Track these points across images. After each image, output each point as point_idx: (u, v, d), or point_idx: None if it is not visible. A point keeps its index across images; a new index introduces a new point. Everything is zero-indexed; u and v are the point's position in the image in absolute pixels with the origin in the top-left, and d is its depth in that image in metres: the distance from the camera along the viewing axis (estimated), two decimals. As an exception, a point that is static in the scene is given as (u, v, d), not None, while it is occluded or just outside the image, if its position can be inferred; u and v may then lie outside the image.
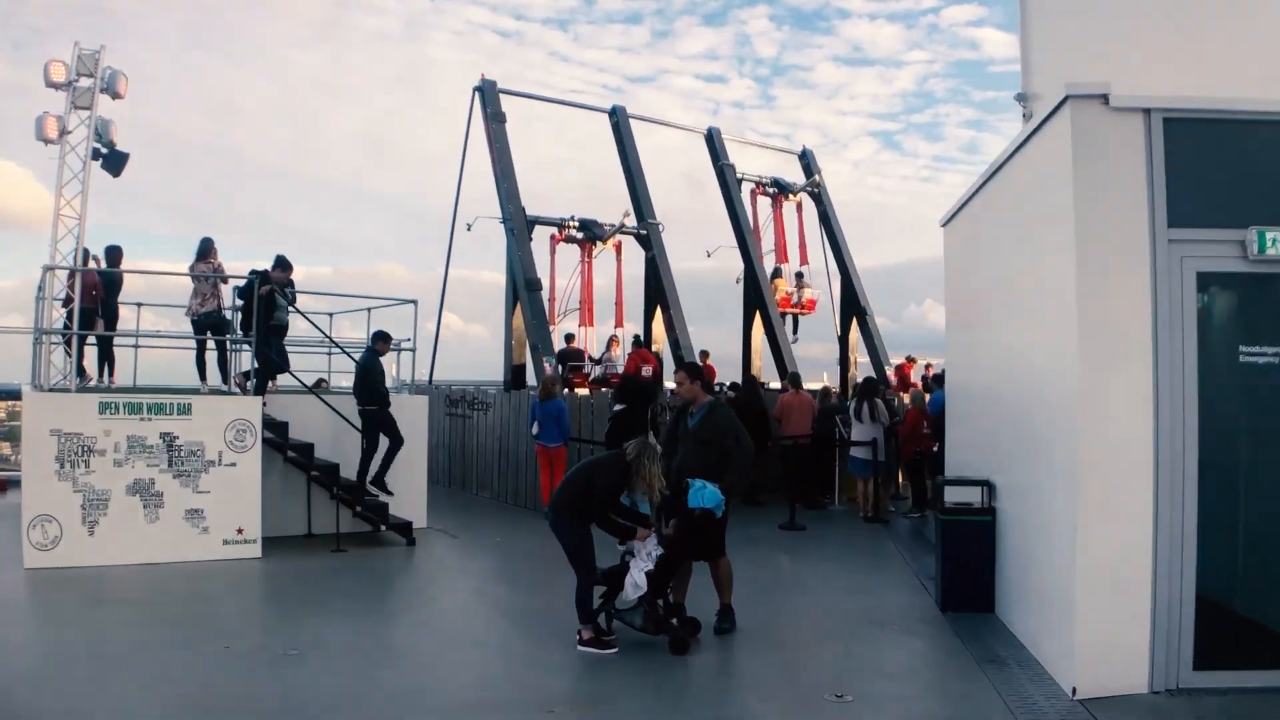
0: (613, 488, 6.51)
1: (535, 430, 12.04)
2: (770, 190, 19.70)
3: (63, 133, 10.51)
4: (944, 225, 9.93)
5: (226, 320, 11.19)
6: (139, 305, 11.92)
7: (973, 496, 7.91)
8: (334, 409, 10.47)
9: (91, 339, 10.98)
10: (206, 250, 10.99)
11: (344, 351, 11.25)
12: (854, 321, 19.65)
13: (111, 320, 11.24)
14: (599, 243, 16.80)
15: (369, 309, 11.71)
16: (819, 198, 20.16)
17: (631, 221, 16.70)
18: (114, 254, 11.35)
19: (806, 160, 20.67)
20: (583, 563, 6.52)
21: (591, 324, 17.06)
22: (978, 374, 8.68)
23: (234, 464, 9.54)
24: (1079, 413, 5.73)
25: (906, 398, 14.29)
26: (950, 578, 7.85)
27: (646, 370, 15.14)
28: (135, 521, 9.15)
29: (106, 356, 11.34)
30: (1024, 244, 7.03)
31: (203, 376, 11.08)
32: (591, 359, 16.69)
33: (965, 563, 7.76)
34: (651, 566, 6.49)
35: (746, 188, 19.37)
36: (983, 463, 8.11)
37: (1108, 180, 5.80)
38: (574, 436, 12.39)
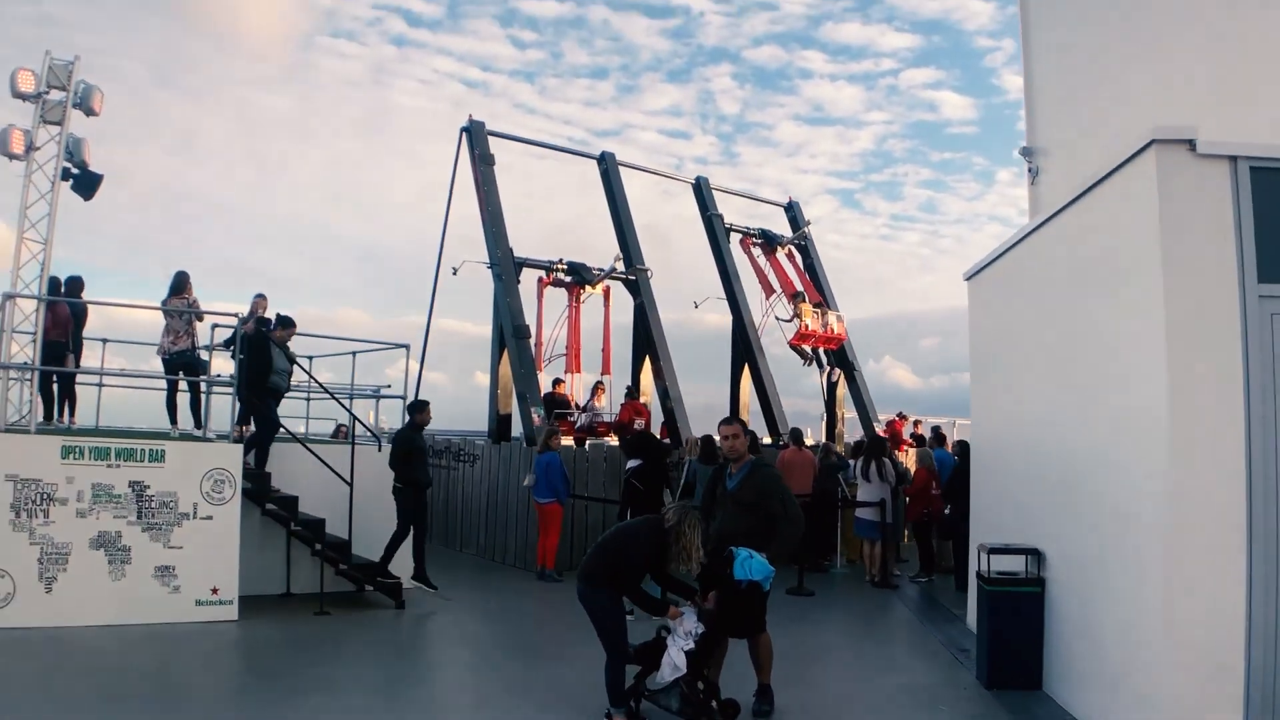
0: (649, 557, 5.90)
1: (527, 482, 11.40)
2: (758, 241, 19.44)
3: (29, 148, 9.72)
4: (969, 279, 9.64)
5: (201, 360, 10.45)
6: (104, 341, 11.11)
7: (1017, 565, 7.47)
8: (322, 460, 9.68)
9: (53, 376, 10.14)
10: (181, 285, 10.28)
11: (344, 405, 10.47)
12: (841, 376, 19.34)
13: (74, 356, 10.40)
14: (588, 286, 16.32)
15: (354, 353, 11.00)
16: (805, 250, 19.97)
17: (622, 266, 16.26)
18: (75, 284, 10.56)
19: (793, 213, 20.53)
20: (615, 640, 5.87)
21: (579, 370, 16.47)
22: (1015, 434, 8.27)
23: (210, 517, 8.73)
24: (1168, 481, 5.31)
25: (908, 457, 13.91)
26: (996, 652, 7.33)
27: (639, 422, 14.58)
28: (99, 579, 8.28)
29: (67, 394, 10.48)
30: (1084, 297, 6.67)
31: (173, 419, 10.29)
32: (578, 406, 16.10)
33: (1012, 636, 7.26)
34: (692, 645, 5.88)
35: (734, 238, 19.09)
36: (1024, 529, 7.67)
37: (1195, 231, 5.47)
38: (573, 494, 11.77)
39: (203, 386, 10.02)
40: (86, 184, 9.49)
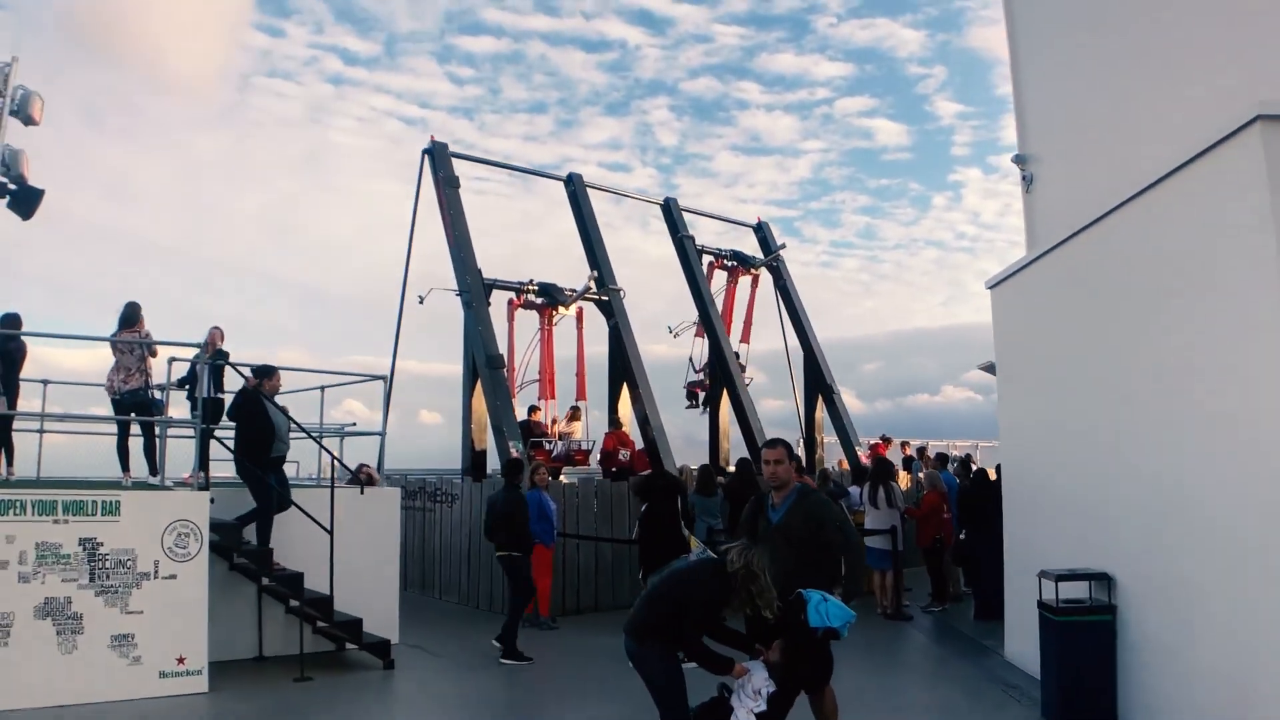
0: (709, 605, 5.12)
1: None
2: (729, 264, 18.95)
3: (-42, 160, 8.60)
4: (993, 287, 9.17)
5: (155, 401, 9.40)
6: (44, 383, 9.94)
7: (1078, 592, 6.91)
8: (301, 509, 8.63)
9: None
10: (132, 317, 9.23)
11: (326, 448, 9.44)
12: (819, 400, 18.85)
13: (10, 399, 9.25)
14: (560, 308, 15.56)
15: (322, 386, 10.02)
16: (778, 271, 19.53)
17: (595, 285, 15.54)
18: (12, 321, 9.42)
19: (763, 233, 20.10)
20: (677, 706, 5.05)
21: (553, 396, 15.65)
22: (1065, 451, 7.71)
23: (174, 576, 7.66)
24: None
25: (904, 480, 13.40)
26: (1067, 687, 6.72)
27: (624, 454, 13.81)
28: (46, 652, 7.14)
29: (3, 442, 9.30)
30: (1163, 295, 6.13)
31: (125, 466, 9.19)
32: (555, 435, 15.30)
33: (1084, 669, 6.67)
34: (764, 706, 5.10)
35: (705, 260, 18.55)
36: (1081, 553, 7.11)
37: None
38: (563, 532, 10.93)
39: (158, 429, 8.96)
40: (25, 201, 8.40)
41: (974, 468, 12.63)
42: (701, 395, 17.98)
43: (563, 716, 7.37)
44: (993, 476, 14.63)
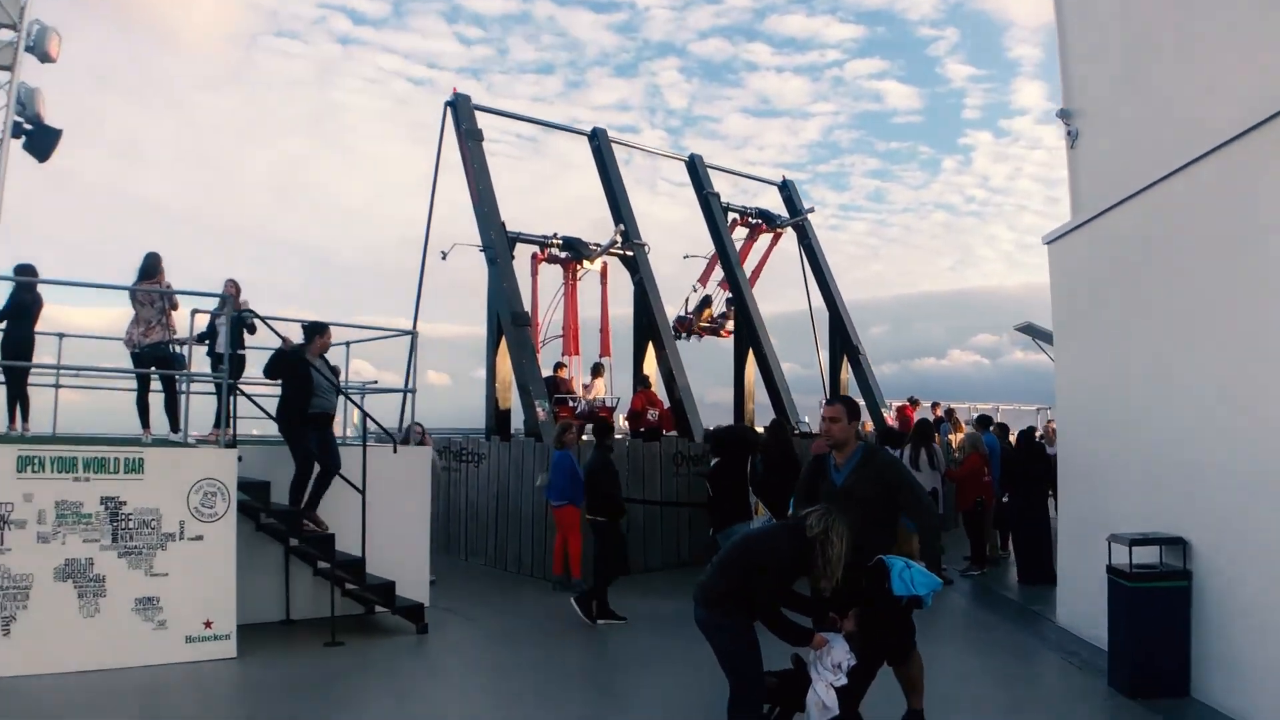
0: (786, 572, 4.76)
1: (539, 482, 10.22)
2: (754, 221, 18.45)
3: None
4: (1050, 243, 8.72)
5: (178, 355, 9.05)
6: (60, 336, 9.60)
7: (1152, 557, 6.56)
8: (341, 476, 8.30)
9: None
10: (153, 268, 8.85)
11: (357, 404, 9.05)
12: (844, 361, 18.44)
13: (26, 352, 8.90)
14: (585, 263, 15.14)
15: (347, 343, 9.62)
16: (803, 230, 19.02)
17: (622, 239, 15.09)
18: (27, 270, 9.04)
19: (788, 191, 19.56)
20: (749, 677, 4.69)
21: (577, 352, 15.29)
22: (1133, 411, 7.30)
23: (200, 537, 7.35)
24: None
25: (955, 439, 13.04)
26: (1139, 656, 6.39)
27: (653, 413, 13.45)
28: (68, 616, 6.86)
29: (19, 396, 8.98)
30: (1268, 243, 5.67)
31: (145, 423, 8.86)
32: (581, 394, 14.99)
33: (1157, 637, 6.34)
34: (844, 680, 4.78)
35: (729, 218, 18.05)
36: (1151, 516, 6.74)
37: None
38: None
39: (180, 385, 8.63)
40: (41, 141, 7.93)
41: (1024, 430, 12.21)
42: (690, 334, 17.45)
43: (611, 687, 7.10)
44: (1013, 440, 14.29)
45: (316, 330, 8.50)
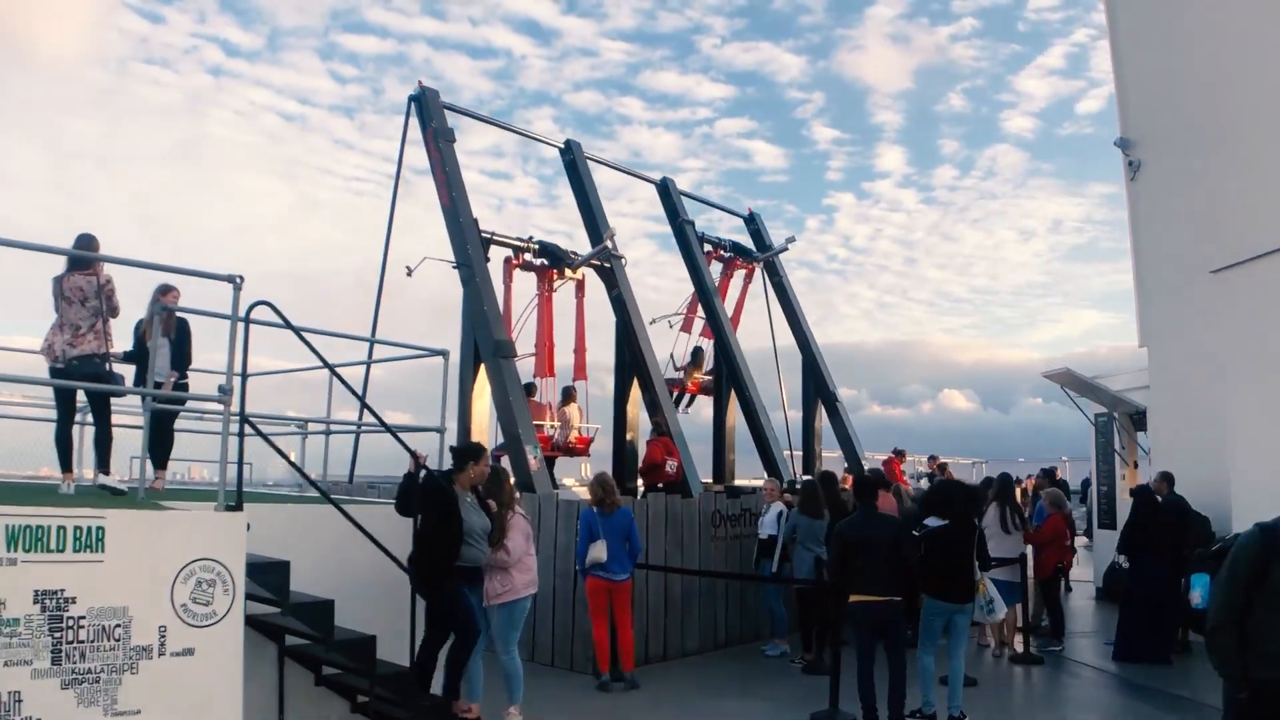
0: None
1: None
2: (727, 255, 16.98)
3: None
4: (1217, 272, 7.56)
5: (114, 375, 6.50)
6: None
7: None
8: (363, 528, 5.85)
9: None
10: (87, 254, 6.27)
11: (407, 447, 6.51)
12: (819, 408, 17.07)
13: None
14: (567, 270, 13.15)
15: (366, 364, 7.21)
16: (773, 267, 17.68)
17: (610, 243, 13.18)
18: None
19: (755, 224, 18.22)
20: None
21: (552, 373, 13.16)
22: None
23: (189, 650, 4.83)
24: None
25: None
26: None
27: (672, 465, 11.51)
28: (-19, 792, 4.23)
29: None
30: None
31: (66, 465, 6.23)
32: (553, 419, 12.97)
33: None
34: None
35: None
36: None
37: None
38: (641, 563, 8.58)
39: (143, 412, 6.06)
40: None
41: (1139, 483, 11.03)
42: (681, 396, 15.69)
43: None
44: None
45: (471, 455, 6.42)
